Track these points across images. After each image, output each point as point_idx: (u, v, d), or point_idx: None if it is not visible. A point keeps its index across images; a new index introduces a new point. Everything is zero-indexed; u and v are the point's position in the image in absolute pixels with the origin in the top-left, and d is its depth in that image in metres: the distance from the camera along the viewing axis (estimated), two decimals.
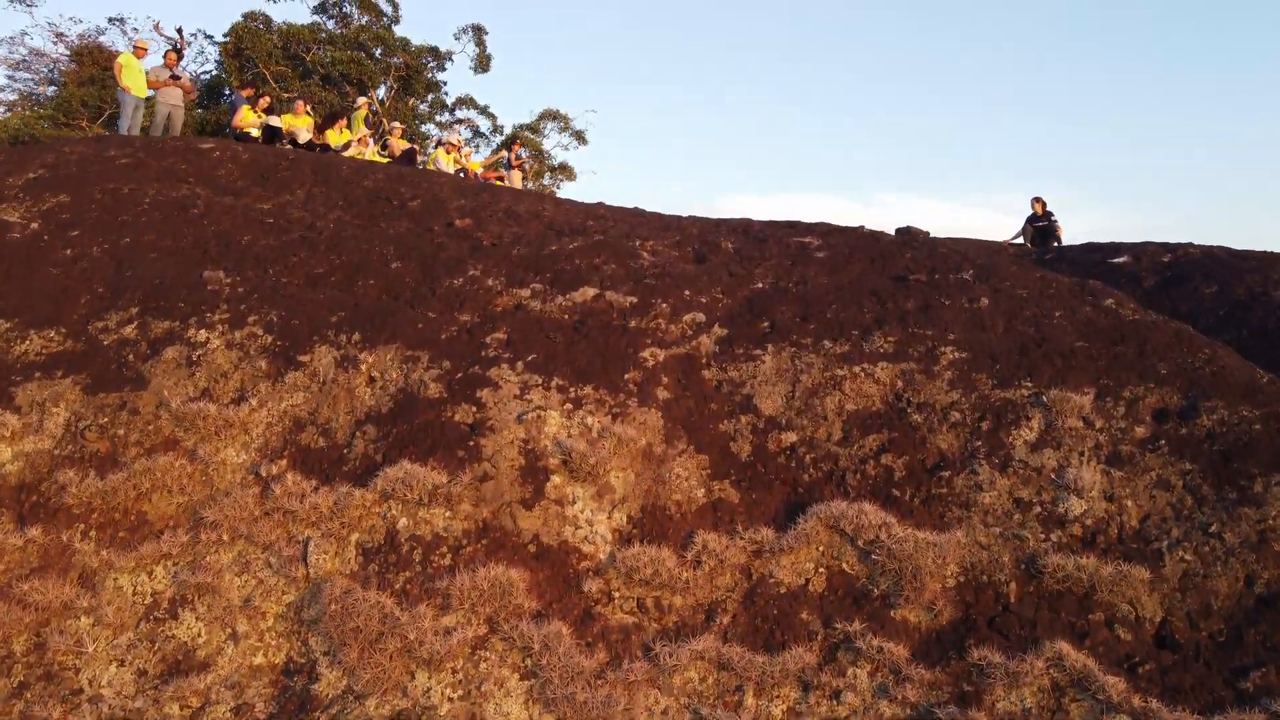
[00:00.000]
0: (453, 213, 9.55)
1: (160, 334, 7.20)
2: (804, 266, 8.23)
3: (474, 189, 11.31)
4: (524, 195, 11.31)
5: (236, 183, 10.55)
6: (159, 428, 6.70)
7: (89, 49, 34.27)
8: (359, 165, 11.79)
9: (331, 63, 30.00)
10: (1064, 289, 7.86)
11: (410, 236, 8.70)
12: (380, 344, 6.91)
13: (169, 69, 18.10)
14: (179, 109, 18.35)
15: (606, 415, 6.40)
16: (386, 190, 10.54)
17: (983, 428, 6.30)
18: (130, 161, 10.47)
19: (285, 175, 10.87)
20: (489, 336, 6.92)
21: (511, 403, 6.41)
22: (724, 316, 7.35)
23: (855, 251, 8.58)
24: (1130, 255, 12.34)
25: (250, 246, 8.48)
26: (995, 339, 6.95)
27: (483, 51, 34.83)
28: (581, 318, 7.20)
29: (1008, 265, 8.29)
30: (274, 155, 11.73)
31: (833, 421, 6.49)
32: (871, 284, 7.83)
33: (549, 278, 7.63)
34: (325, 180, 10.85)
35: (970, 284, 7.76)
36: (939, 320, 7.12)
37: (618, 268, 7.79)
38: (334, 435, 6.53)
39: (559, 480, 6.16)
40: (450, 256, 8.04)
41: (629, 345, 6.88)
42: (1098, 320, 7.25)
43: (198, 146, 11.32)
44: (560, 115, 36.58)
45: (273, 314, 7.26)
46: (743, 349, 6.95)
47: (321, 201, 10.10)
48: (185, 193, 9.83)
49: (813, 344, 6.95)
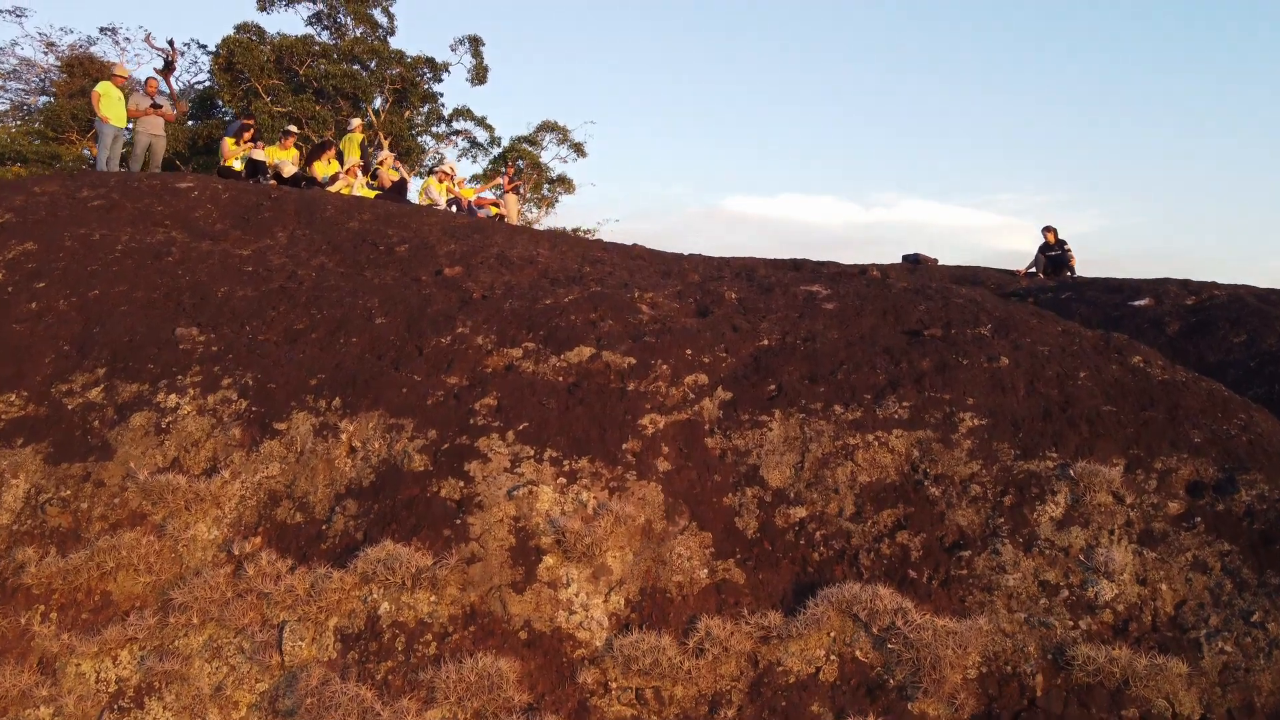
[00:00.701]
0: (442, 259, 9.39)
1: (128, 398, 7.01)
2: (812, 319, 8.05)
3: (465, 229, 11.15)
4: (518, 236, 11.16)
5: (215, 225, 10.39)
6: (125, 501, 6.50)
7: (79, 59, 34.61)
8: (345, 204, 11.64)
9: (325, 77, 30.06)
10: (1087, 344, 7.68)
11: (397, 287, 8.53)
12: (362, 410, 6.72)
13: (150, 97, 18.04)
14: (160, 139, 18.28)
15: (603, 490, 6.19)
16: (373, 233, 10.39)
17: (1005, 503, 6.10)
18: (103, 204, 10.32)
19: (267, 216, 10.72)
20: (478, 402, 6.72)
21: (501, 477, 6.21)
22: (728, 377, 7.16)
23: (866, 302, 8.40)
24: (1151, 297, 12.18)
25: (227, 299, 8.30)
26: (1017, 403, 6.76)
27: (480, 63, 35.04)
28: (577, 380, 7.02)
29: (1027, 317, 8.12)
30: (256, 194, 11.58)
31: (844, 495, 6.28)
32: (884, 340, 7.65)
33: (542, 335, 7.45)
34: (309, 222, 10.70)
35: (989, 339, 7.58)
36: (957, 382, 6.94)
37: (615, 324, 7.61)
38: (312, 510, 6.33)
39: (552, 561, 5.95)
40: (438, 311, 7.87)
41: (627, 411, 6.69)
42: (1125, 380, 7.06)
43: (175, 186, 11.18)
44: (559, 127, 36.83)
45: (248, 376, 7.08)
46: (748, 414, 6.76)
47: (304, 245, 9.93)
48: (160, 238, 9.67)
49: (823, 409, 6.76)
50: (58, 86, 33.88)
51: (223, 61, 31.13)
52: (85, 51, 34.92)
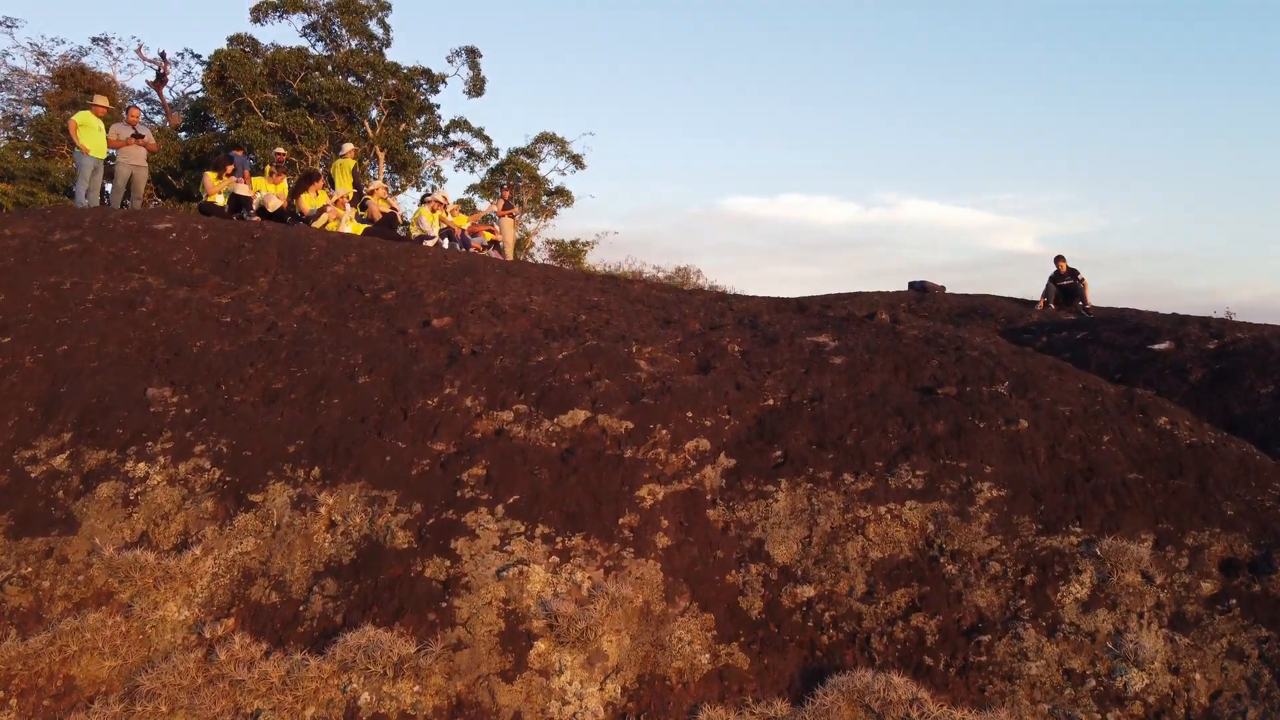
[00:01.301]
0: (430, 308, 9.21)
1: (95, 465, 6.81)
2: (819, 375, 7.86)
3: (456, 272, 10.98)
4: (510, 280, 10.98)
5: (194, 270, 10.22)
6: (90, 579, 6.29)
7: (71, 70, 34.72)
8: (330, 246, 11.47)
9: (319, 91, 30.06)
10: (1110, 403, 7.49)
11: (382, 341, 8.35)
12: (343, 481, 6.52)
13: (131, 126, 17.93)
14: (142, 169, 18.17)
15: (598, 569, 5.98)
16: (359, 278, 10.21)
17: (1026, 582, 5.89)
18: (76, 248, 10.15)
19: (248, 260, 10.56)
20: (466, 472, 6.52)
21: (490, 555, 6.00)
22: (731, 442, 6.97)
23: (875, 356, 8.22)
24: (1171, 341, 12.00)
25: (203, 354, 8.12)
26: (1037, 470, 6.56)
27: (477, 74, 35.16)
28: (571, 446, 6.82)
29: (1046, 373, 7.93)
30: (238, 234, 11.42)
31: (855, 573, 6.07)
32: (895, 398, 7.46)
33: (535, 396, 7.26)
34: (292, 265, 10.53)
35: (1006, 399, 7.38)
36: (974, 447, 6.74)
37: (612, 382, 7.42)
38: (288, 590, 6.11)
39: (544, 647, 5.73)
40: (425, 369, 7.68)
41: (624, 481, 6.49)
42: (1151, 445, 6.86)
43: (152, 227, 11.02)
44: (557, 139, 36.96)
45: (222, 443, 6.87)
46: (752, 484, 6.56)
47: (286, 292, 9.76)
48: (135, 285, 9.50)
49: (831, 478, 6.55)
50: (49, 98, 34.07)
51: (215, 75, 31.21)
52: (77, 63, 35.18)
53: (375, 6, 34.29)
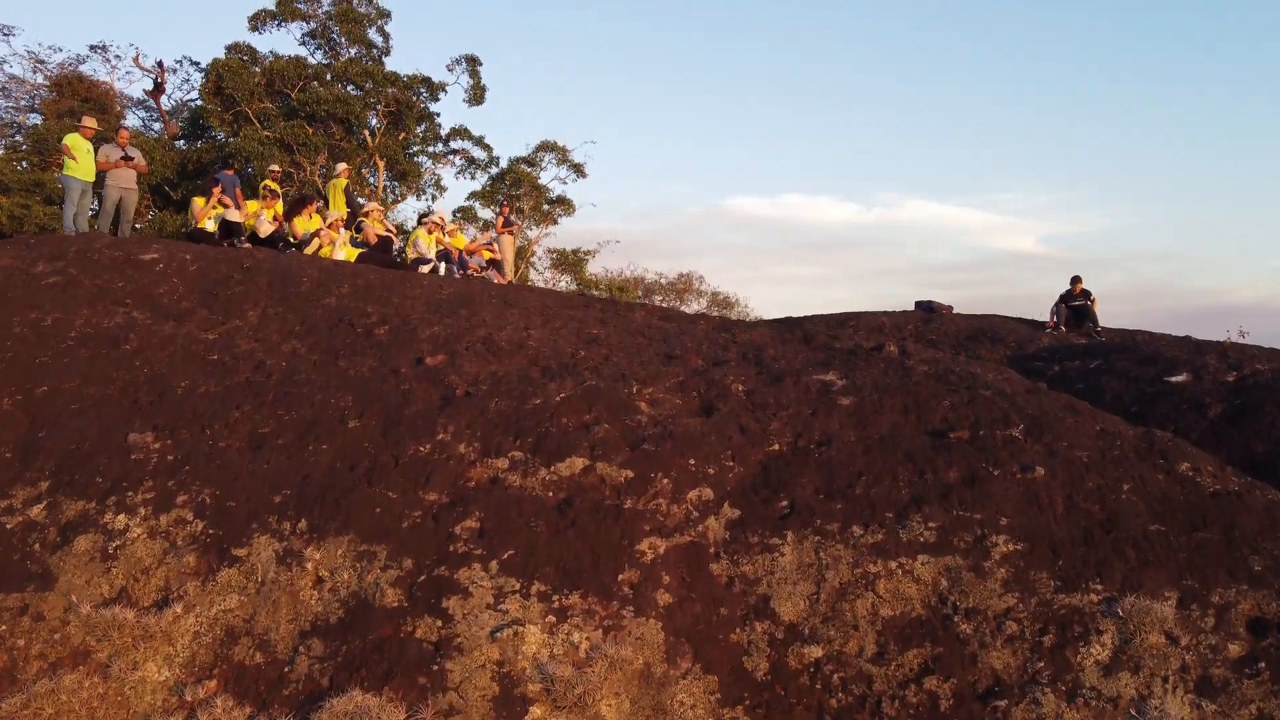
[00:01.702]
0: (424, 344, 9.07)
1: (73, 516, 6.67)
2: (826, 418, 7.72)
3: (451, 303, 10.85)
4: (508, 309, 10.85)
5: (181, 303, 10.09)
6: (67, 637, 6.13)
7: (69, 79, 34.80)
8: (323, 275, 11.35)
9: (317, 101, 30.07)
10: (1129, 447, 7.33)
11: (373, 381, 8.21)
12: (330, 534, 6.36)
13: (120, 148, 17.84)
14: (132, 192, 18.08)
15: (597, 629, 5.82)
16: (351, 311, 10.08)
17: (1044, 643, 5.73)
18: (59, 280, 10.03)
19: (237, 291, 10.43)
20: (459, 525, 6.37)
21: (484, 615, 5.85)
22: (735, 491, 6.81)
23: (885, 396, 8.07)
24: (1189, 373, 11.86)
25: (188, 395, 7.98)
26: (1055, 522, 6.40)
27: (477, 83, 35.26)
28: (569, 496, 6.67)
29: (1061, 414, 7.78)
30: (227, 264, 11.30)
31: (865, 632, 5.91)
32: (906, 443, 7.31)
33: (531, 442, 7.11)
34: (282, 297, 10.40)
35: (1021, 443, 7.23)
36: (988, 497, 6.59)
37: (611, 427, 7.28)
38: (273, 650, 5.95)
39: (540, 712, 5.57)
40: (417, 412, 7.53)
41: (623, 535, 6.33)
42: (1173, 494, 6.71)
43: (139, 258, 10.90)
44: (558, 147, 37.03)
45: (205, 493, 6.73)
46: (758, 536, 6.41)
47: (276, 326, 9.62)
48: (120, 320, 9.36)
49: (840, 530, 6.40)
50: (46, 106, 34.18)
51: (212, 85, 31.25)
52: (75, 71, 35.28)
53: (374, 15, 34.43)
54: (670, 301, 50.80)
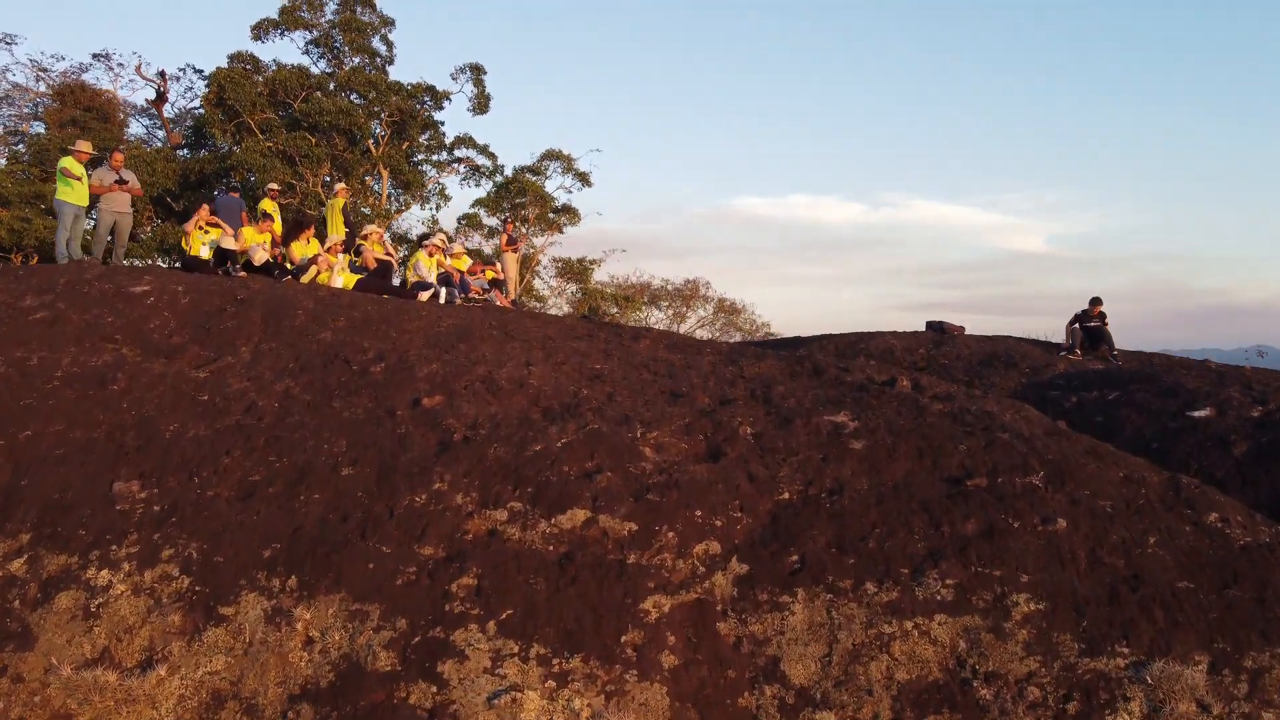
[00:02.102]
0: (421, 383, 8.93)
1: (55, 571, 6.52)
2: (838, 464, 7.55)
3: (450, 336, 10.72)
4: (509, 342, 10.71)
5: (171, 338, 9.97)
6: (47, 699, 5.98)
7: (71, 87, 35.16)
8: (318, 307, 11.23)
9: (320, 112, 30.24)
10: (1154, 495, 7.16)
11: (368, 424, 8.06)
12: (321, 592, 6.21)
13: (114, 171, 17.82)
14: (126, 216, 18.05)
15: (599, 695, 5.65)
16: (347, 346, 9.95)
17: (1069, 710, 5.54)
18: (47, 315, 9.92)
19: (230, 326, 10.31)
20: (455, 582, 6.21)
21: (481, 679, 5.68)
22: (744, 544, 6.65)
23: (898, 439, 7.90)
24: (1212, 407, 11.68)
25: (176, 439, 7.84)
26: (1078, 579, 6.22)
27: (481, 91, 35.56)
28: (570, 550, 6.51)
29: (1083, 460, 7.61)
30: (220, 296, 11.19)
31: (880, 696, 5.73)
32: (921, 491, 7.14)
33: (531, 493, 6.95)
34: (276, 331, 10.28)
35: (1042, 492, 7.06)
36: (1008, 552, 6.41)
37: (614, 476, 7.12)
38: (261, 714, 5.79)
39: None
40: (413, 459, 7.38)
41: (627, 593, 6.17)
42: (1201, 547, 6.53)
43: (129, 290, 10.79)
44: (563, 156, 37.37)
45: (192, 547, 6.58)
46: (767, 594, 6.23)
47: (269, 363, 9.49)
48: (108, 358, 9.24)
49: (853, 587, 6.23)
50: (48, 114, 34.51)
51: (213, 96, 31.46)
52: (77, 79, 35.67)
53: (378, 23, 34.69)
54: (677, 308, 51.04)
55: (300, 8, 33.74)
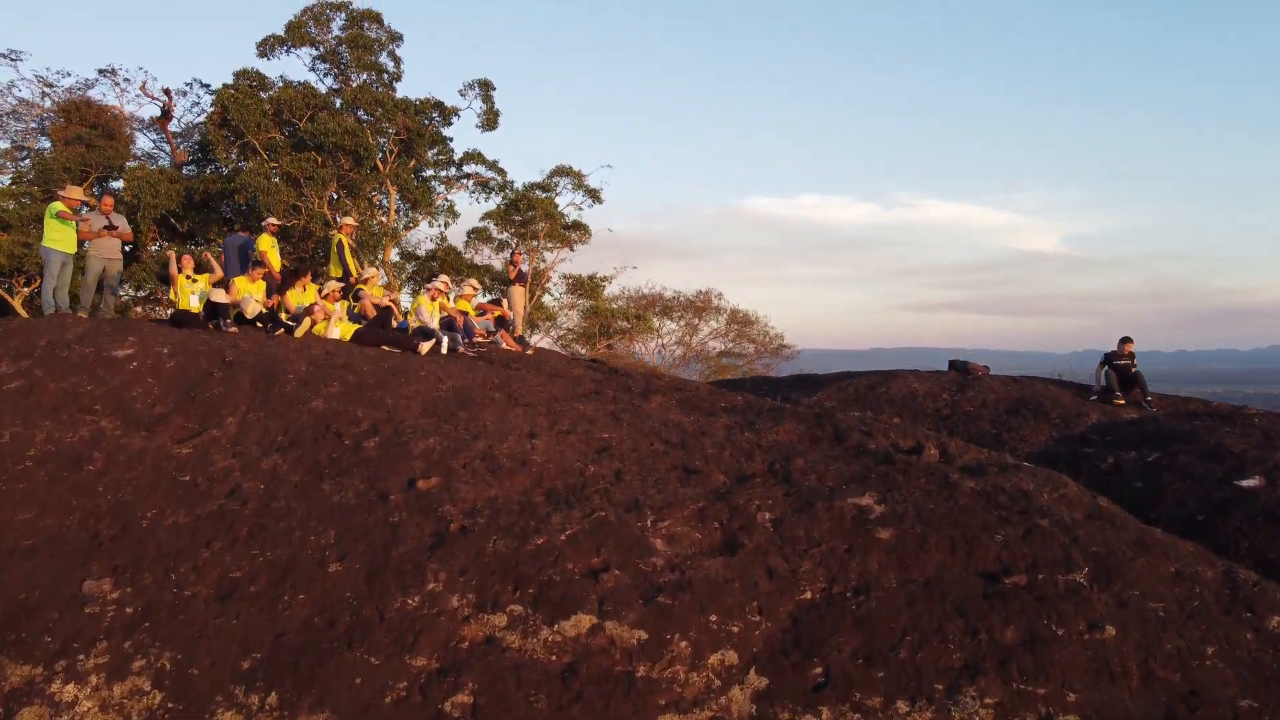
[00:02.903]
0: (416, 461, 8.61)
1: (18, 684, 6.20)
2: (864, 556, 7.20)
3: (449, 403, 10.43)
4: (513, 408, 10.42)
5: (154, 408, 9.70)
6: None
7: (76, 104, 35.51)
8: (310, 369, 10.96)
9: (325, 133, 30.36)
10: (1210, 594, 6.79)
11: (359, 510, 7.75)
12: (304, 711, 5.87)
13: (104, 216, 17.67)
14: (116, 262, 17.89)
15: None
16: (340, 416, 9.66)
17: None
18: (22, 384, 9.66)
19: (216, 394, 10.03)
20: (450, 700, 5.87)
21: None
22: (762, 653, 6.29)
23: (929, 527, 7.55)
24: (1261, 474, 11.30)
25: (153, 529, 7.54)
26: (1130, 698, 5.85)
27: (490, 108, 35.75)
28: (574, 661, 6.16)
29: (1130, 551, 7.24)
30: (208, 358, 10.93)
31: None
32: (955, 590, 6.78)
33: (533, 594, 6.62)
34: (265, 400, 10.00)
35: (1086, 591, 6.69)
36: (1052, 664, 6.04)
37: (622, 574, 6.78)
38: None
39: None
40: (406, 554, 7.06)
41: (635, 710, 5.83)
42: (1264, 659, 6.16)
43: (111, 355, 10.53)
44: (573, 172, 37.57)
45: (166, 657, 6.26)
46: (788, 712, 5.87)
47: (257, 436, 9.20)
48: (85, 433, 8.96)
49: (882, 705, 5.86)
50: (54, 132, 34.84)
51: (218, 116, 31.66)
52: (83, 96, 36.02)
53: (386, 39, 34.91)
54: (689, 319, 51.13)
55: (307, 24, 34.08)
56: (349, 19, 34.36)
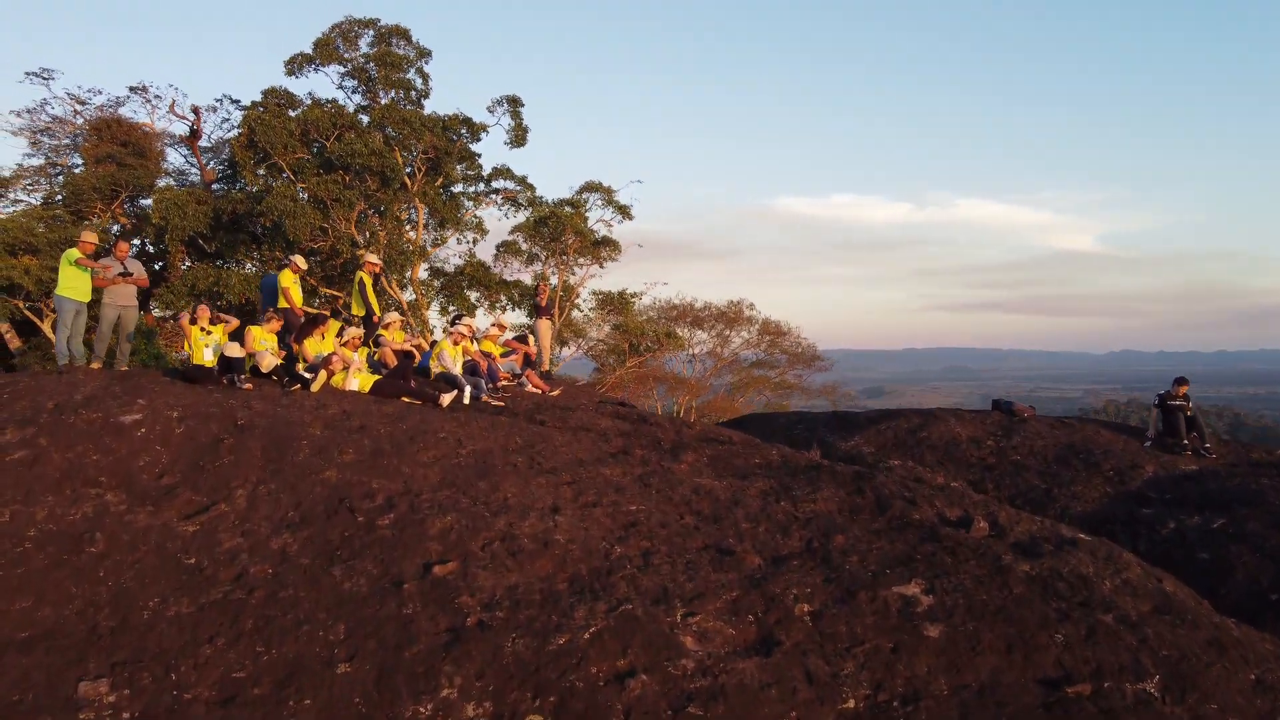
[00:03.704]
0: (433, 542, 8.35)
1: None
2: (911, 657, 6.83)
3: (468, 471, 10.17)
4: (535, 478, 10.14)
5: (161, 479, 9.50)
6: None
7: (107, 122, 36.31)
8: (325, 433, 10.76)
9: (352, 154, 30.71)
10: None
11: (371, 601, 7.48)
12: None
13: (119, 262, 17.64)
14: (131, 309, 17.86)
15: None
16: (354, 488, 9.43)
17: None
18: (26, 455, 9.50)
19: (226, 463, 9.84)
20: None
21: None
22: None
23: (981, 623, 7.17)
24: None
25: (155, 621, 7.30)
26: None
27: (519, 124, 36.00)
28: None
29: (1205, 655, 6.82)
30: (219, 421, 10.74)
31: None
32: (1014, 699, 6.40)
33: (554, 703, 6.29)
34: (277, 470, 9.78)
35: (1158, 704, 6.28)
36: None
37: (650, 680, 6.45)
38: None
39: None
40: (420, 654, 6.77)
41: None
42: None
43: (119, 421, 10.37)
44: (602, 188, 37.73)
45: None
46: None
47: (266, 512, 8.97)
48: (89, 509, 8.77)
49: None
50: (85, 150, 35.65)
51: (244, 139, 32.15)
52: (113, 114, 36.83)
53: (414, 55, 35.28)
54: (720, 331, 51.39)
55: (335, 42, 34.57)
56: (377, 35, 34.92)
